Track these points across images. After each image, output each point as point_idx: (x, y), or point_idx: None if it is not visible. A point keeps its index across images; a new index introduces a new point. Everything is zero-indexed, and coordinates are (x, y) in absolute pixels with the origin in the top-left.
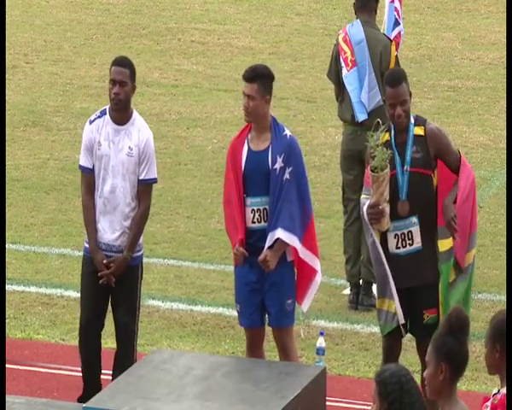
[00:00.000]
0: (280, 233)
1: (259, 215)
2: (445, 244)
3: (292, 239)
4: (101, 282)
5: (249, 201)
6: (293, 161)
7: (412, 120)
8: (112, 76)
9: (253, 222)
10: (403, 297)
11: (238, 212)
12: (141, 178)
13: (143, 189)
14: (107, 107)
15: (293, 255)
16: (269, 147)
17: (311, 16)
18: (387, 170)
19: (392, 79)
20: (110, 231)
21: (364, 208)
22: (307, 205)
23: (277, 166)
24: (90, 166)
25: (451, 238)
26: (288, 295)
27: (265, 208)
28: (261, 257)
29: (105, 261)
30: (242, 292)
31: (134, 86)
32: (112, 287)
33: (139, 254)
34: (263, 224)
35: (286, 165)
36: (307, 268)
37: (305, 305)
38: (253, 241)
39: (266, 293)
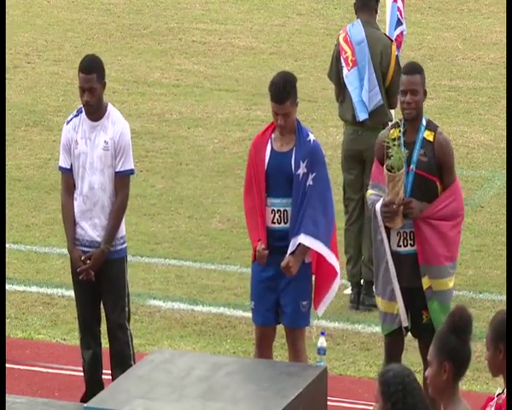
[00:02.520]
0: (302, 238)
1: (279, 216)
2: (442, 284)
3: (315, 244)
4: (80, 277)
5: (270, 201)
6: (317, 167)
7: (424, 123)
8: (80, 83)
9: (273, 222)
10: (403, 296)
11: (259, 212)
12: (117, 170)
13: (120, 180)
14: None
15: (312, 258)
16: (292, 149)
17: (312, 16)
18: (403, 170)
19: (408, 67)
20: (91, 227)
21: (377, 206)
22: (330, 210)
23: (300, 171)
24: (68, 166)
25: (453, 277)
26: (303, 296)
27: (286, 210)
28: (283, 263)
29: (83, 258)
30: (257, 289)
31: (104, 83)
32: (99, 282)
33: (123, 246)
34: (282, 225)
35: (309, 171)
36: (328, 273)
37: (321, 309)
38: (271, 241)
39: (281, 292)
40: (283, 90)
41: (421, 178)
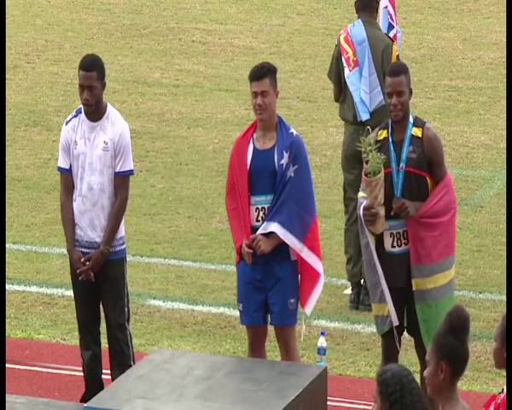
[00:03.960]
0: (275, 227)
1: (264, 214)
2: (431, 281)
3: (287, 236)
4: (80, 278)
5: (254, 199)
6: (299, 160)
7: (411, 120)
8: (80, 81)
9: (258, 221)
10: (397, 297)
11: (243, 211)
12: (116, 170)
13: (119, 181)
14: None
15: (297, 255)
16: (275, 145)
17: (311, 16)
18: (380, 175)
19: (392, 69)
20: (90, 228)
21: (360, 210)
22: (310, 206)
23: (283, 161)
24: (67, 167)
25: (449, 271)
26: (290, 293)
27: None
28: (253, 236)
29: (82, 260)
30: (244, 290)
31: (104, 83)
32: (99, 283)
33: (122, 247)
34: None
35: (291, 162)
36: (310, 270)
37: (309, 308)
38: None
39: (269, 291)
40: (261, 68)
41: (411, 175)
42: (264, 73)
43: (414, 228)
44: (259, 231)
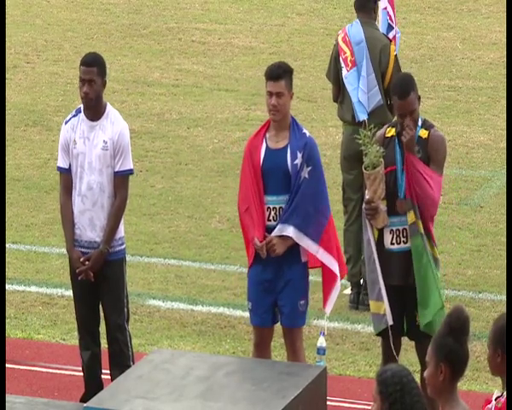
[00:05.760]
0: (291, 232)
1: (275, 214)
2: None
3: (302, 239)
4: (79, 278)
5: (266, 199)
6: (312, 161)
7: (420, 123)
8: (80, 75)
9: (269, 220)
10: (396, 295)
11: (257, 210)
12: (116, 170)
13: (119, 181)
14: (82, 105)
15: (308, 256)
16: (287, 145)
17: (311, 16)
18: (379, 169)
19: (400, 90)
20: (90, 228)
21: (363, 206)
22: (325, 207)
23: (297, 161)
24: (67, 166)
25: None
26: (300, 295)
27: (281, 207)
28: (267, 239)
29: (82, 259)
30: (255, 291)
31: (104, 81)
32: (98, 284)
33: (122, 247)
34: None
35: (305, 162)
36: (329, 271)
37: (328, 308)
38: None
39: (279, 293)
40: (278, 67)
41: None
42: (280, 74)
43: (409, 163)
44: (274, 233)
